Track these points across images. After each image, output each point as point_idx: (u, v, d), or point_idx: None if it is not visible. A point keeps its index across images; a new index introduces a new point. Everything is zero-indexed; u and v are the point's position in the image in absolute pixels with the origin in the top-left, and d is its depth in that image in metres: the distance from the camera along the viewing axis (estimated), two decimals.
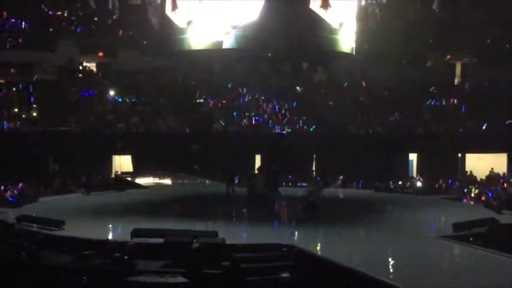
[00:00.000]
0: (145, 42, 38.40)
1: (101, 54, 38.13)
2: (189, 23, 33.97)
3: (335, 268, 13.21)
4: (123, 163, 32.08)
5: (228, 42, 34.33)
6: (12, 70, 34.34)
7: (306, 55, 37.79)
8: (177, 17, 35.06)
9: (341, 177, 30.36)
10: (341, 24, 34.88)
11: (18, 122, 30.82)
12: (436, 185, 29.17)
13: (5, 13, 36.79)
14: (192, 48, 35.04)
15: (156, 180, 30.74)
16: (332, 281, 13.04)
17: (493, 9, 37.55)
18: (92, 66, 38.66)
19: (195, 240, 14.66)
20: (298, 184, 28.05)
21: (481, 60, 39.17)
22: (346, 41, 35.97)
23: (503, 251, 14.61)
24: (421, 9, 37.79)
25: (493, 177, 30.26)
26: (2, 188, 24.96)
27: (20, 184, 25.18)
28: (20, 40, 36.12)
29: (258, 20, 33.51)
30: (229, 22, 33.82)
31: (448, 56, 40.24)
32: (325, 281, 13.28)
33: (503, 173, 30.94)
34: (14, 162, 26.56)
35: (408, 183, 30.06)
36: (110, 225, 19.24)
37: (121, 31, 39.19)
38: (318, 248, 15.80)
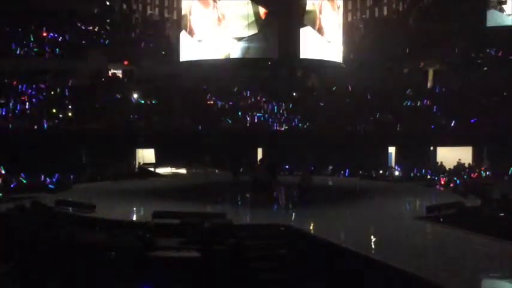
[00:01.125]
0: (163, 53, 38.42)
1: (126, 62, 38.13)
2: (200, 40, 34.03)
3: (324, 244, 13.29)
4: (145, 155, 32.12)
5: (235, 53, 34.41)
6: (51, 76, 34.35)
7: (302, 64, 37.83)
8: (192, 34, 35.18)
9: (330, 167, 30.34)
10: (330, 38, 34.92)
11: (56, 121, 30.88)
12: (412, 174, 29.18)
13: (44, 28, 36.89)
14: (205, 58, 35.12)
15: (174, 169, 30.78)
16: (321, 256, 13.11)
17: (460, 23, 37.48)
18: (118, 73, 38.66)
19: (206, 221, 14.72)
20: (294, 173, 28.01)
21: (450, 67, 39.19)
22: (335, 51, 35.97)
23: (468, 230, 14.68)
24: (399, 24, 37.73)
25: (460, 167, 30.27)
26: (43, 177, 25.05)
27: (57, 174, 25.25)
28: (57, 50, 36.16)
29: (259, 33, 33.58)
30: (235, 35, 33.93)
31: (422, 64, 40.22)
32: (316, 255, 13.35)
33: (469, 164, 30.97)
34: (52, 155, 26.59)
35: (388, 172, 30.06)
36: (134, 208, 19.28)
37: (143, 43, 39.23)
38: (311, 227, 15.83)
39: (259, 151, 31.57)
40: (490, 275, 10.79)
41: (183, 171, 30.65)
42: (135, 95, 35.09)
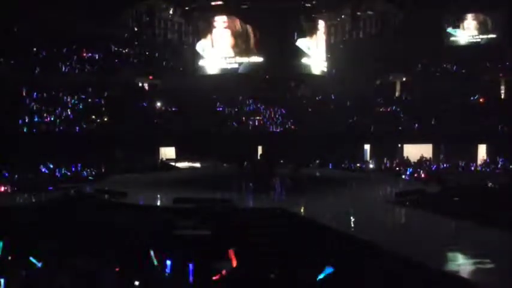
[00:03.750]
0: (181, 69, 38.39)
1: (150, 77, 38.14)
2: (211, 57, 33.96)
3: (311, 224, 13.30)
4: (167, 152, 32.13)
5: (240, 69, 34.34)
6: (90, 89, 34.35)
7: (294, 77, 37.79)
8: (205, 53, 35.11)
9: (317, 161, 30.36)
10: (316, 56, 34.81)
11: (94, 124, 30.87)
12: (383, 166, 29.17)
13: (84, 49, 36.92)
14: (215, 73, 35.06)
15: (190, 163, 30.78)
16: (309, 233, 13.11)
17: (421, 44, 37.50)
18: (145, 85, 38.65)
19: (216, 206, 14.73)
20: (288, 166, 27.97)
21: (414, 79, 39.20)
22: (320, 67, 35.88)
23: (429, 211, 14.69)
24: (372, 45, 37.70)
25: (422, 160, 30.25)
26: (84, 170, 25.00)
27: (95, 168, 25.28)
28: (95, 67, 36.15)
29: (259, 52, 33.53)
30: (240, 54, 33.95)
31: (391, 77, 40.22)
32: (304, 233, 13.35)
33: (430, 158, 30.94)
34: (92, 152, 26.52)
35: (364, 165, 30.04)
36: (158, 195, 19.30)
37: (164, 61, 39.26)
38: (301, 210, 15.83)
39: (259, 149, 31.58)
40: (447, 247, 10.80)
41: (197, 165, 30.66)
42: (159, 104, 35.09)
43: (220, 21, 34.70)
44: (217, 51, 34.90)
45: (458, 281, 8.61)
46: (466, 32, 38.77)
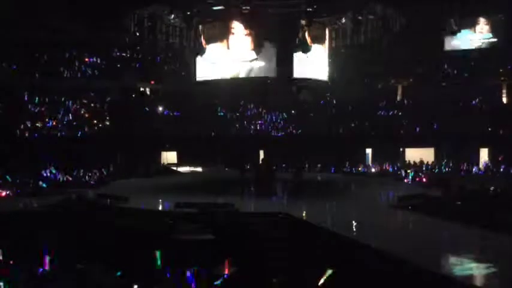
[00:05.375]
0: (183, 73, 38.38)
1: (152, 82, 38.12)
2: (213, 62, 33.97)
3: (314, 228, 13.26)
4: (169, 156, 32.10)
5: (241, 73, 34.31)
6: (92, 93, 34.36)
7: (294, 81, 37.67)
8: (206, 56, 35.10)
9: (319, 165, 30.29)
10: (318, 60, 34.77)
11: (96, 128, 30.85)
12: (385, 170, 29.07)
13: (86, 54, 36.90)
14: (217, 77, 35.03)
15: (192, 168, 30.75)
16: (311, 237, 13.07)
17: (422, 48, 37.46)
18: (147, 90, 38.63)
19: (218, 210, 14.70)
20: (289, 170, 27.92)
21: (415, 83, 39.15)
22: (322, 71, 35.88)
23: (432, 216, 14.63)
24: (374, 49, 37.68)
25: (422, 164, 30.17)
26: (83, 173, 24.96)
27: (97, 172, 25.25)
28: (96, 72, 36.15)
29: (260, 57, 33.52)
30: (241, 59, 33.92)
31: (392, 81, 40.17)
32: (307, 237, 13.31)
33: (432, 162, 30.83)
34: (93, 157, 26.51)
35: (366, 169, 29.95)
36: (160, 200, 19.26)
37: (166, 66, 39.28)
38: (304, 214, 15.78)
39: (261, 153, 31.52)
40: (451, 251, 10.74)
41: (199, 169, 30.63)
42: (160, 108, 35.09)
43: (228, 26, 34.60)
44: (220, 55, 34.85)
45: (460, 285, 8.55)
46: (478, 36, 38.44)
